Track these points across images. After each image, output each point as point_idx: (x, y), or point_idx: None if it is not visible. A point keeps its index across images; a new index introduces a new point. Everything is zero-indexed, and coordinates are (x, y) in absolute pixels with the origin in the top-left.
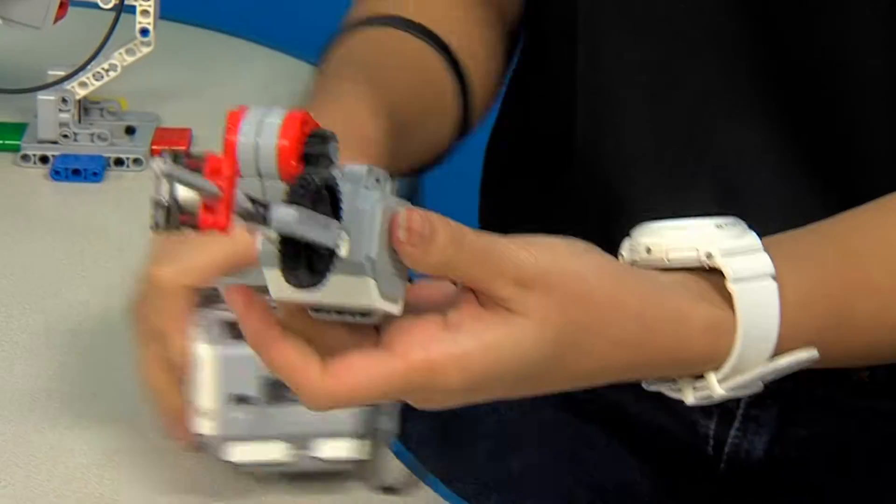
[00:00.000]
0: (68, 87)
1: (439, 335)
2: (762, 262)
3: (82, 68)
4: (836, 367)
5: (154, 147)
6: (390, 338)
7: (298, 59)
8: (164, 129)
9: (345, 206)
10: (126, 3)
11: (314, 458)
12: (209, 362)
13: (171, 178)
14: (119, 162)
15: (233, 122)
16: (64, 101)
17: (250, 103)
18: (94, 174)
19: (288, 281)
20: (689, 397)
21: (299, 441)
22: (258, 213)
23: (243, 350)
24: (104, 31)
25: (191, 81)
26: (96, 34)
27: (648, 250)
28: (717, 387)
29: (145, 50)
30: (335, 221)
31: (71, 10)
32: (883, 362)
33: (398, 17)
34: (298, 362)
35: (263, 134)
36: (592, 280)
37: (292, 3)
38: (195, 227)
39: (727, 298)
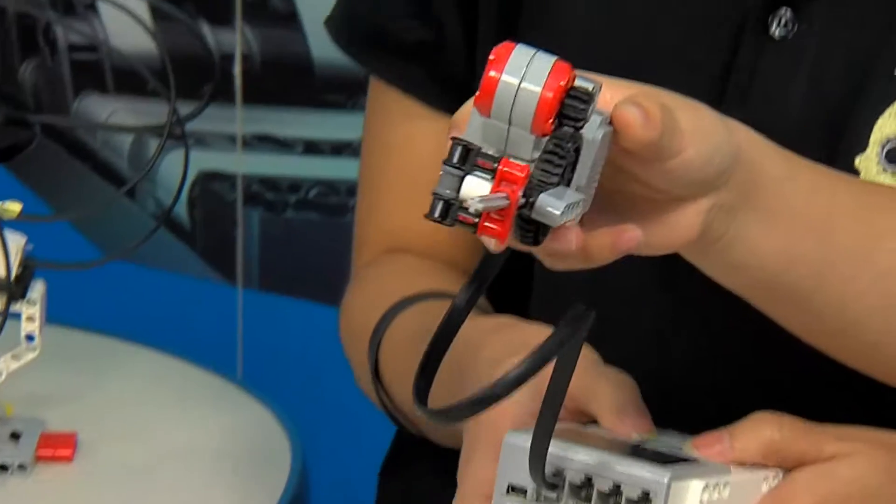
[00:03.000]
0: None
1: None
2: None
3: None
4: None
5: (38, 453)
6: None
7: (183, 359)
8: (48, 434)
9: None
10: (11, 310)
11: None
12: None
13: (457, 176)
14: (3, 468)
15: (500, 56)
16: None
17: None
18: None
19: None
20: None
21: None
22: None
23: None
24: None
25: (76, 385)
26: None
27: None
28: None
29: (31, 355)
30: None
31: None
32: None
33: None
34: None
35: (528, 78)
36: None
37: (175, 304)
38: (472, 227)
39: None
